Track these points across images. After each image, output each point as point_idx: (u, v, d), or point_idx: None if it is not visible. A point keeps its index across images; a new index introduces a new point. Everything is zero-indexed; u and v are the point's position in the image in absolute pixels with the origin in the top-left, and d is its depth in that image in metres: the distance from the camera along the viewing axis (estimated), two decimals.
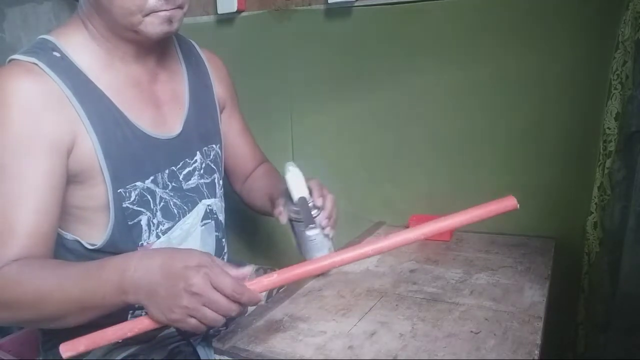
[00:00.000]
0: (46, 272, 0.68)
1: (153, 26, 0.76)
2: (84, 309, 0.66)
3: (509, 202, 0.66)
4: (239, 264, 1.09)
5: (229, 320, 0.96)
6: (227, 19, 1.36)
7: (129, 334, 0.64)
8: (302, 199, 0.84)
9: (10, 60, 0.75)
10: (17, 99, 0.70)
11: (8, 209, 0.69)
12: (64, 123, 0.73)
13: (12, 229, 0.69)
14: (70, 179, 0.76)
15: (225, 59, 1.08)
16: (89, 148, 0.76)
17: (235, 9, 1.31)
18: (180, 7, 0.77)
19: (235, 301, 0.62)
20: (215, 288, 0.61)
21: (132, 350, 0.86)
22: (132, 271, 0.63)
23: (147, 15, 0.74)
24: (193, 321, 0.61)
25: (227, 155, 1.04)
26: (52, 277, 0.67)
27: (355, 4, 1.19)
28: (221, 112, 1.02)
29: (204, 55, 1.00)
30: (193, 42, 1.00)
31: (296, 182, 0.84)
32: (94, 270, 0.66)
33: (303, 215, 0.84)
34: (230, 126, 1.05)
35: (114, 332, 0.64)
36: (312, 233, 0.85)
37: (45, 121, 0.72)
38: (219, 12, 1.34)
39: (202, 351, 0.91)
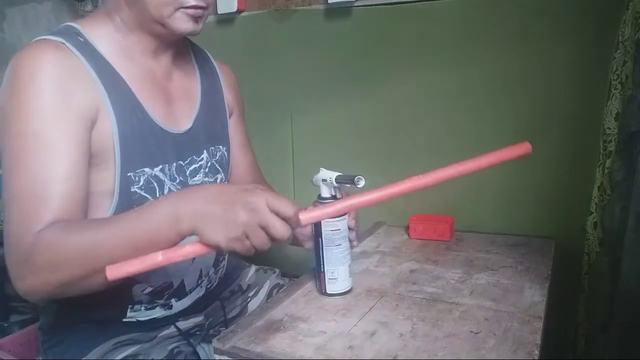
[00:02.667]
0: (95, 222, 0.70)
1: (181, 22, 0.79)
2: (138, 249, 0.65)
3: (523, 147, 0.67)
4: (239, 263, 1.10)
5: (229, 321, 0.96)
6: (227, 19, 1.36)
7: (179, 259, 0.63)
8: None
9: (36, 40, 0.77)
10: (47, 69, 0.73)
11: (42, 174, 0.71)
12: (89, 97, 0.76)
13: (47, 194, 0.70)
14: None
15: (226, 59, 1.08)
16: (108, 127, 0.78)
17: (235, 9, 1.31)
18: (208, 6, 0.81)
19: (288, 223, 0.63)
20: (270, 209, 0.62)
21: (132, 350, 0.86)
22: (186, 200, 0.65)
23: (178, 9, 0.78)
24: (248, 242, 0.62)
25: None
26: (103, 225, 0.69)
27: (355, 4, 1.19)
28: (230, 118, 1.02)
29: (215, 62, 1.03)
30: (206, 51, 1.02)
31: (328, 172, 0.89)
32: (145, 209, 0.68)
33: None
34: (232, 138, 1.05)
35: (163, 256, 0.62)
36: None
37: (74, 92, 0.74)
38: (219, 12, 1.34)
39: (202, 351, 0.91)
